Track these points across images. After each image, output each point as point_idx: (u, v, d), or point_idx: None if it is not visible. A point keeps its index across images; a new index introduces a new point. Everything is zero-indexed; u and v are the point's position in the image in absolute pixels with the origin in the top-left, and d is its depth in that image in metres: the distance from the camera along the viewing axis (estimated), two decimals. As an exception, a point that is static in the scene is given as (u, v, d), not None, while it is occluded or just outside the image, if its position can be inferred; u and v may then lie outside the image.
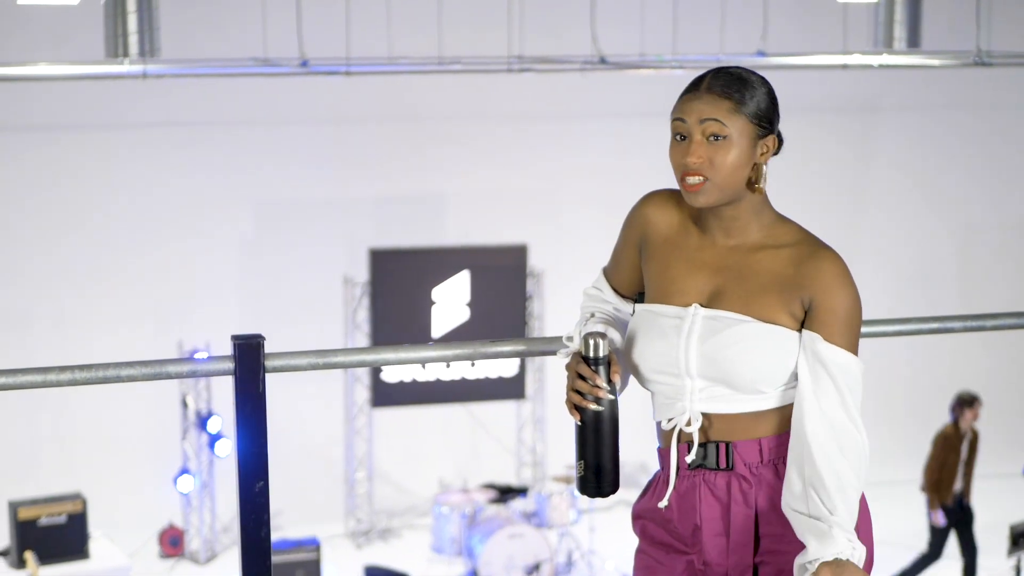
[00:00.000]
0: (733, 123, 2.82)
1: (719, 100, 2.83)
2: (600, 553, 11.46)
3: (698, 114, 2.83)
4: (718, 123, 2.82)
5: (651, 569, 3.04)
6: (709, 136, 2.82)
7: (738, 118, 2.82)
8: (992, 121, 14.57)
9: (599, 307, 3.17)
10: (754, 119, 2.84)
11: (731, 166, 2.82)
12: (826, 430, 2.79)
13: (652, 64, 11.11)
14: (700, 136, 2.83)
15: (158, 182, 12.38)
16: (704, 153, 2.82)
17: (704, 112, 2.82)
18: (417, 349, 3.20)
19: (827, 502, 2.76)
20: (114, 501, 11.69)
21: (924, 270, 14.46)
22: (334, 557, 11.44)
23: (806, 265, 2.84)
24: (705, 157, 2.82)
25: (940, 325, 3.53)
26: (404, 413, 12.82)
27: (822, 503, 2.77)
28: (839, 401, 2.79)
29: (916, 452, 13.83)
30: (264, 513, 3.03)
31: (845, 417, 2.79)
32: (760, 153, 2.87)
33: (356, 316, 12.45)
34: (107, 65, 9.65)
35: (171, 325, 12.33)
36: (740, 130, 2.83)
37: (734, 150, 2.82)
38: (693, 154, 2.82)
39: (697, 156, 2.82)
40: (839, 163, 14.09)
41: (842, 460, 2.78)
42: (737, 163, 2.82)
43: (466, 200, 13.21)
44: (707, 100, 2.83)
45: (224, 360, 3.00)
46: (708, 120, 2.82)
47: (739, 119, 2.83)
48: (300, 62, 10.26)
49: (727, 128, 2.82)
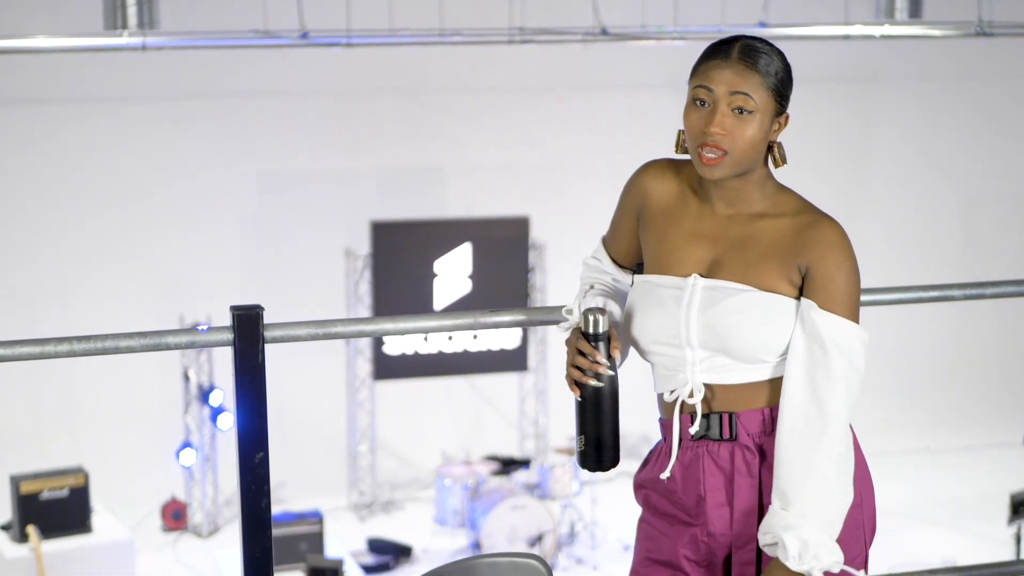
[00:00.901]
0: (760, 97, 2.79)
1: (750, 73, 2.79)
2: (602, 524, 11.47)
3: (728, 85, 2.79)
4: (747, 97, 2.78)
5: (654, 539, 3.04)
6: (735, 108, 2.79)
7: (764, 93, 2.80)
8: (993, 92, 14.53)
9: (598, 278, 3.15)
10: (776, 95, 2.82)
11: (751, 141, 2.79)
12: (807, 400, 2.77)
13: (653, 35, 11.07)
14: (726, 107, 2.79)
15: (158, 155, 12.35)
16: (729, 125, 2.78)
17: (735, 84, 2.78)
18: (416, 319, 3.20)
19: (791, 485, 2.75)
20: (116, 475, 11.70)
21: (926, 240, 14.44)
22: (337, 529, 11.44)
23: (805, 233, 2.82)
24: (729, 128, 2.78)
25: (940, 293, 3.53)
26: (406, 386, 12.82)
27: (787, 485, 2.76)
28: (828, 371, 2.77)
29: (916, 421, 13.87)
30: (264, 484, 3.03)
31: (829, 387, 2.77)
32: (774, 129, 2.85)
33: (358, 288, 12.44)
34: (106, 37, 9.61)
35: (172, 298, 12.32)
36: (764, 105, 2.80)
37: (756, 125, 2.80)
38: (718, 124, 2.78)
39: (722, 127, 2.78)
40: (840, 134, 14.06)
41: (818, 433, 2.76)
42: (756, 138, 2.80)
43: (467, 172, 13.20)
44: (738, 71, 2.79)
45: (223, 331, 3.00)
46: (738, 93, 2.78)
47: (765, 94, 2.80)
48: (300, 34, 10.23)
49: (753, 101, 2.79)
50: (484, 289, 12.27)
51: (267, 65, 12.29)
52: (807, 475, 2.74)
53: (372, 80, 12.71)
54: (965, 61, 14.11)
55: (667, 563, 3.01)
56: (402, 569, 11.11)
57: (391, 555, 11.13)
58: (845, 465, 2.79)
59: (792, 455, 2.76)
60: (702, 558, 2.96)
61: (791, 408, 2.78)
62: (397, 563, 11.12)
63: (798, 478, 2.75)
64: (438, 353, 12.37)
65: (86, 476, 9.33)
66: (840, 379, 2.77)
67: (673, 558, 2.99)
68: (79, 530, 9.27)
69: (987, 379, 14.68)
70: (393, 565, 11.09)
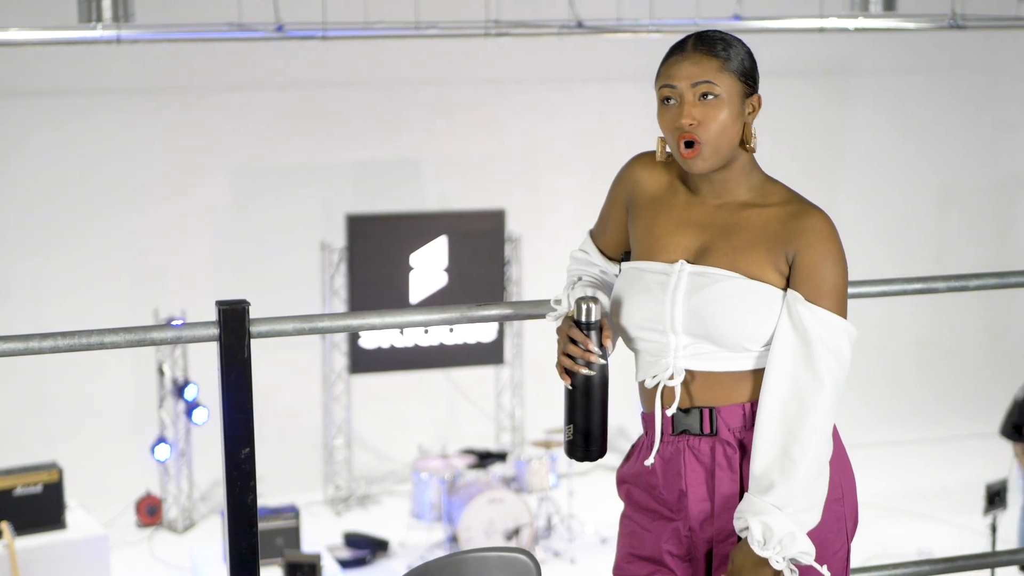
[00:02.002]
0: (722, 81, 2.83)
1: (706, 60, 2.83)
2: (579, 517, 11.48)
3: (688, 76, 2.83)
4: (709, 83, 2.82)
5: (636, 535, 3.03)
6: (700, 96, 2.82)
7: (726, 76, 2.83)
8: (967, 84, 14.60)
9: (586, 270, 3.16)
10: (741, 77, 2.85)
11: (723, 125, 2.82)
12: (788, 391, 2.78)
13: (629, 28, 11.07)
14: (692, 97, 2.83)
15: (132, 148, 12.30)
16: (697, 114, 2.82)
17: (694, 74, 2.83)
18: (403, 313, 3.19)
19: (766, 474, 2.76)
20: (90, 470, 11.66)
21: (900, 232, 14.49)
22: (313, 524, 11.43)
23: (793, 222, 2.84)
24: (699, 117, 2.82)
25: (924, 286, 3.54)
26: (382, 379, 12.80)
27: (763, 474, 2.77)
28: (811, 364, 2.78)
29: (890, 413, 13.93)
30: (250, 480, 3.03)
31: (811, 380, 2.77)
32: (748, 112, 2.87)
33: (333, 282, 12.42)
34: (80, 30, 9.55)
35: (147, 292, 12.28)
36: (729, 88, 2.83)
37: (726, 108, 2.83)
38: (687, 115, 2.82)
39: (691, 117, 2.82)
40: (815, 126, 14.10)
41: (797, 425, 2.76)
42: (729, 121, 2.83)
43: (443, 165, 13.19)
44: (695, 60, 2.84)
45: (209, 326, 2.99)
46: (700, 83, 2.82)
47: (727, 77, 2.83)
48: (276, 27, 10.19)
49: (717, 87, 2.82)
50: (460, 282, 12.26)
51: (242, 58, 12.25)
52: (784, 466, 2.75)
53: (347, 73, 12.69)
54: (939, 53, 14.17)
55: (650, 558, 3.00)
56: (379, 563, 11.09)
57: (368, 549, 11.12)
58: (823, 459, 2.79)
59: (770, 445, 2.77)
60: (684, 553, 2.97)
61: (772, 399, 2.79)
62: (374, 557, 11.11)
63: (775, 468, 2.76)
64: (414, 347, 12.36)
65: (60, 472, 9.28)
66: (824, 373, 2.78)
67: (656, 553, 2.99)
68: (53, 527, 9.21)
69: (962, 370, 14.75)
70: (370, 559, 11.07)
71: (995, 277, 3.61)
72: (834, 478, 2.88)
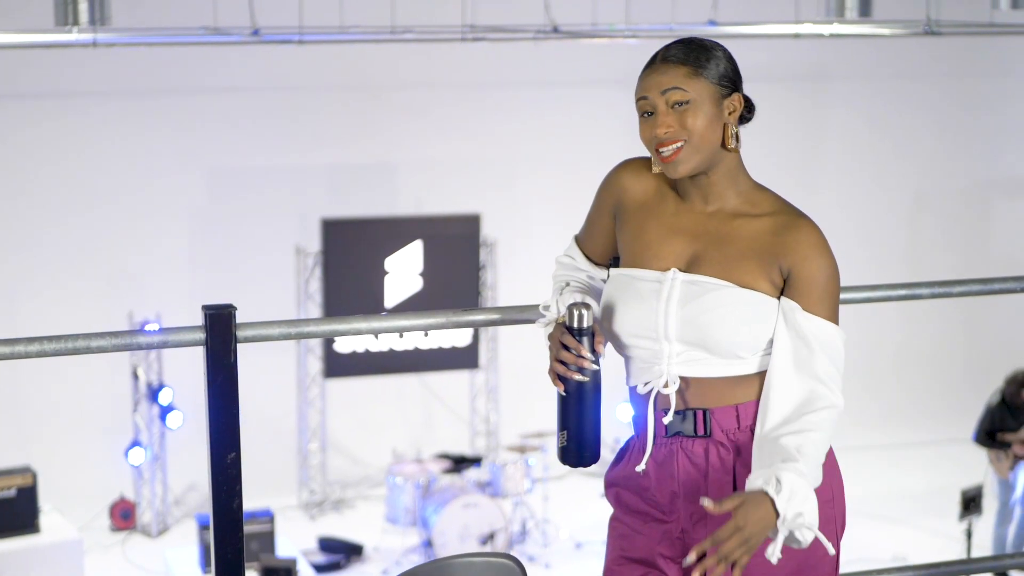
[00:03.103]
0: (693, 87, 2.85)
1: (675, 68, 2.86)
2: (554, 522, 11.48)
3: (658, 86, 2.86)
4: (679, 90, 2.85)
5: (627, 537, 3.03)
6: (673, 104, 2.85)
7: (697, 81, 2.85)
8: (941, 90, 14.66)
9: (573, 275, 3.16)
10: (714, 80, 2.87)
11: (700, 128, 2.85)
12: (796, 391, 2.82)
13: (605, 33, 11.09)
14: (664, 106, 2.86)
15: (108, 151, 12.26)
16: (672, 121, 2.85)
17: (663, 83, 2.86)
18: (391, 318, 3.19)
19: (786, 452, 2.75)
20: (64, 474, 11.61)
21: (873, 237, 14.54)
22: (287, 529, 11.40)
23: (784, 234, 2.86)
24: (673, 125, 2.84)
25: (908, 292, 3.55)
26: (357, 384, 12.78)
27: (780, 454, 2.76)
28: (812, 368, 2.82)
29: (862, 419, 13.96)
30: (236, 484, 3.02)
31: (816, 381, 2.82)
32: (728, 113, 2.89)
33: (308, 286, 12.40)
34: (57, 33, 9.53)
35: (121, 295, 12.23)
36: (701, 92, 2.85)
37: (700, 112, 2.85)
38: (661, 125, 2.85)
39: (666, 126, 2.85)
40: (790, 132, 14.13)
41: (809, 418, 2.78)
42: (706, 124, 2.85)
43: (419, 169, 13.17)
44: (663, 70, 2.86)
45: (195, 330, 2.98)
46: (669, 89, 2.85)
47: (698, 82, 2.85)
48: (251, 31, 10.18)
49: (688, 93, 2.84)
50: (435, 287, 12.26)
51: (219, 62, 12.22)
52: (801, 449, 2.75)
53: (323, 77, 12.67)
54: (914, 59, 14.23)
55: (642, 560, 3.00)
56: (353, 568, 11.08)
57: (342, 554, 11.10)
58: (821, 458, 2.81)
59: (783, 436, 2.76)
60: (678, 555, 2.96)
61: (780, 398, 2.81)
62: (348, 562, 11.09)
63: (793, 450, 2.75)
64: (389, 351, 12.35)
65: (34, 476, 9.25)
66: (826, 378, 2.83)
67: (648, 555, 2.99)
68: (27, 530, 9.19)
69: (939, 375, 14.81)
70: (344, 564, 11.05)
71: (979, 283, 3.63)
72: (825, 480, 2.90)
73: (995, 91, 14.88)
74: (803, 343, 2.82)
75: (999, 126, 14.94)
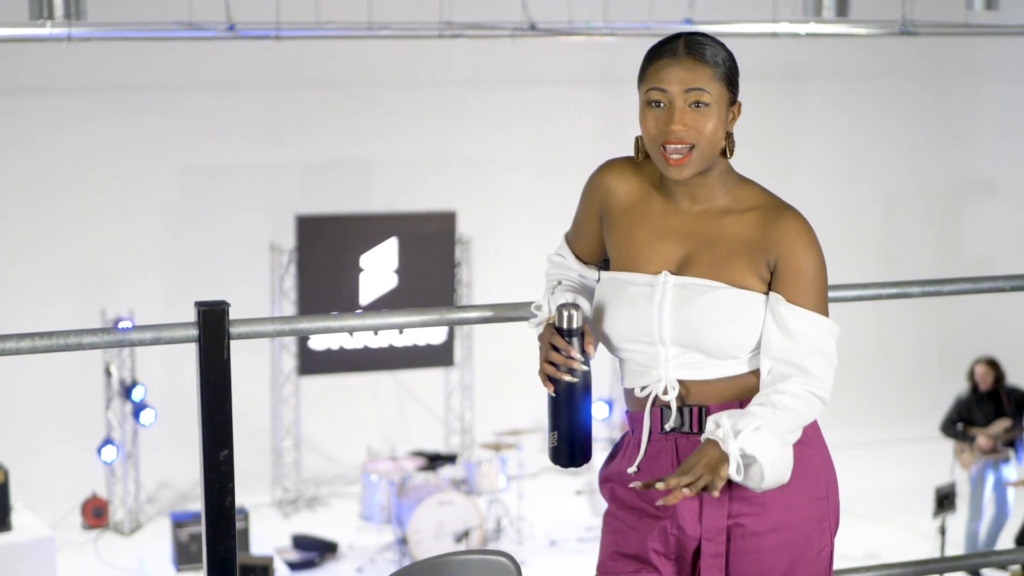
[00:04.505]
0: (713, 89, 2.79)
1: (700, 66, 2.79)
2: (529, 519, 11.47)
3: (680, 82, 2.78)
4: (701, 91, 2.78)
5: (622, 533, 3.02)
6: (692, 103, 2.78)
7: (717, 84, 2.80)
8: (916, 90, 14.71)
9: (564, 275, 3.14)
10: (728, 84, 2.83)
11: (712, 133, 2.79)
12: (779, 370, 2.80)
13: (582, 31, 11.11)
14: (682, 104, 2.78)
15: (82, 147, 12.19)
16: (689, 120, 2.78)
17: (687, 80, 2.78)
18: (383, 315, 3.17)
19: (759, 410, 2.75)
20: (36, 472, 11.54)
21: (848, 236, 14.57)
22: (261, 527, 11.35)
23: (771, 228, 2.84)
24: (690, 124, 2.78)
25: (899, 291, 3.55)
26: (331, 381, 12.75)
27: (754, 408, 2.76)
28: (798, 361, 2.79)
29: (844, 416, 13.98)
30: (229, 481, 2.99)
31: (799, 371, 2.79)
32: (730, 119, 2.86)
33: (283, 283, 12.36)
34: (31, 28, 9.49)
35: (94, 292, 12.16)
36: (718, 96, 2.80)
37: (715, 117, 2.80)
38: (679, 121, 2.77)
39: (683, 124, 2.77)
40: (765, 130, 14.15)
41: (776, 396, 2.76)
42: (717, 130, 2.80)
43: (395, 167, 13.15)
44: (688, 66, 2.78)
45: (188, 327, 2.95)
46: (694, 89, 2.78)
47: (717, 85, 2.80)
48: (227, 26, 10.14)
49: (708, 95, 2.78)
50: (410, 284, 12.24)
51: (194, 58, 12.17)
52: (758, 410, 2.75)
53: (299, 73, 12.64)
54: (889, 59, 14.27)
55: (635, 556, 3.00)
56: (328, 566, 11.05)
57: (316, 552, 11.07)
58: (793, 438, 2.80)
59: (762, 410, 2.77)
60: (671, 551, 2.96)
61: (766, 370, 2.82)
62: (323, 560, 11.06)
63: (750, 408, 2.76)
64: (364, 348, 12.32)
65: (5, 473, 9.21)
66: (812, 369, 2.80)
67: (642, 551, 2.98)
68: (-2, 527, 9.16)
69: (912, 373, 14.87)
70: (319, 562, 11.02)
71: (969, 282, 3.64)
72: (819, 478, 2.90)
73: (969, 91, 14.94)
74: (788, 336, 2.79)
75: (973, 126, 15.00)
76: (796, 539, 2.87)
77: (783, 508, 2.87)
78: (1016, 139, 14.94)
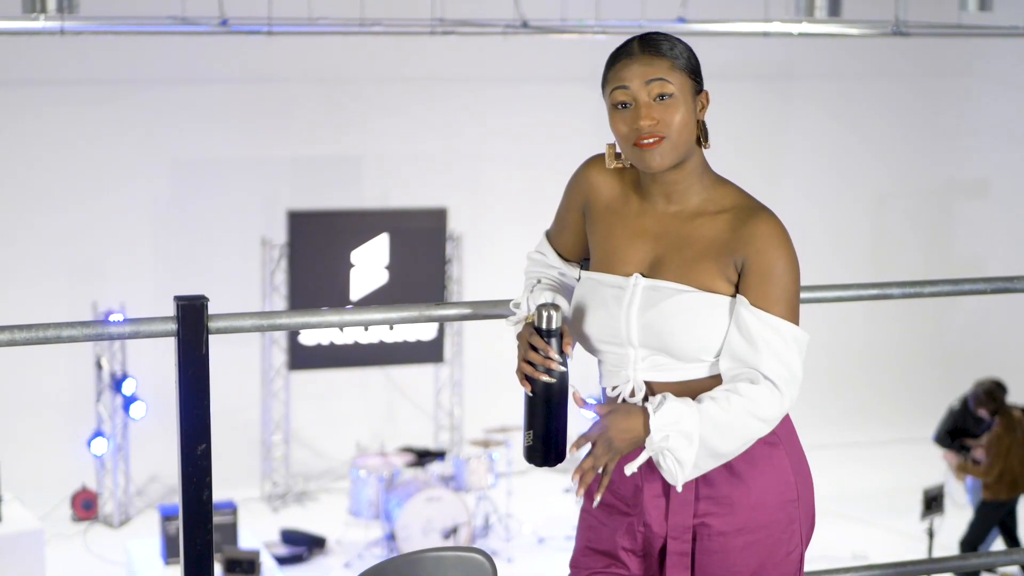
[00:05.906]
0: (675, 79, 2.80)
1: (657, 59, 2.80)
2: (517, 516, 11.49)
3: (641, 77, 2.79)
4: (663, 82, 2.79)
5: (594, 529, 3.05)
6: (656, 96, 2.79)
7: (678, 74, 2.81)
8: (908, 90, 14.72)
9: (544, 272, 3.14)
10: (690, 75, 2.84)
11: (681, 123, 2.80)
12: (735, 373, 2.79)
13: (574, 29, 11.11)
14: (647, 98, 2.79)
15: (74, 140, 12.19)
16: (656, 114, 2.79)
17: (647, 73, 2.79)
18: (362, 312, 3.18)
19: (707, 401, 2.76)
20: (26, 464, 11.53)
21: (837, 237, 14.59)
22: (250, 521, 11.36)
23: (740, 229, 2.82)
24: (657, 117, 2.79)
25: (880, 292, 3.55)
26: (321, 376, 12.76)
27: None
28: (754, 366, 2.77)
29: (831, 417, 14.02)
30: (206, 476, 3.00)
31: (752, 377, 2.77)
32: (699, 108, 2.86)
33: (274, 278, 12.36)
34: (24, 21, 9.47)
35: (85, 285, 12.16)
36: (681, 86, 2.81)
37: (681, 107, 2.80)
38: (645, 116, 2.78)
39: (650, 118, 2.78)
40: (757, 130, 14.17)
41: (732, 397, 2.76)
42: (685, 119, 2.81)
43: (386, 162, 13.15)
44: (645, 61, 2.80)
45: (167, 321, 2.96)
46: (654, 80, 2.79)
47: (679, 75, 2.81)
48: (220, 21, 10.14)
49: (671, 85, 2.80)
50: (401, 280, 12.25)
51: (186, 52, 12.17)
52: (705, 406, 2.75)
53: (292, 69, 12.64)
54: (881, 60, 14.28)
55: (605, 552, 3.02)
56: (316, 561, 11.06)
57: (304, 546, 11.07)
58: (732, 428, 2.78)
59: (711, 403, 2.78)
60: (639, 548, 2.97)
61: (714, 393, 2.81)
62: (311, 555, 11.07)
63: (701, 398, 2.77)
64: (354, 344, 12.33)
65: (-4, 465, 9.22)
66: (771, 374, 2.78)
67: (611, 548, 3.00)
68: (-12, 520, 9.15)
69: (902, 375, 14.88)
70: (307, 556, 11.03)
71: (949, 284, 3.64)
72: (790, 479, 2.91)
73: (961, 92, 14.95)
74: (748, 341, 2.78)
75: (964, 127, 15.01)
76: (764, 540, 2.88)
77: (751, 509, 2.88)
78: (1008, 140, 14.95)
